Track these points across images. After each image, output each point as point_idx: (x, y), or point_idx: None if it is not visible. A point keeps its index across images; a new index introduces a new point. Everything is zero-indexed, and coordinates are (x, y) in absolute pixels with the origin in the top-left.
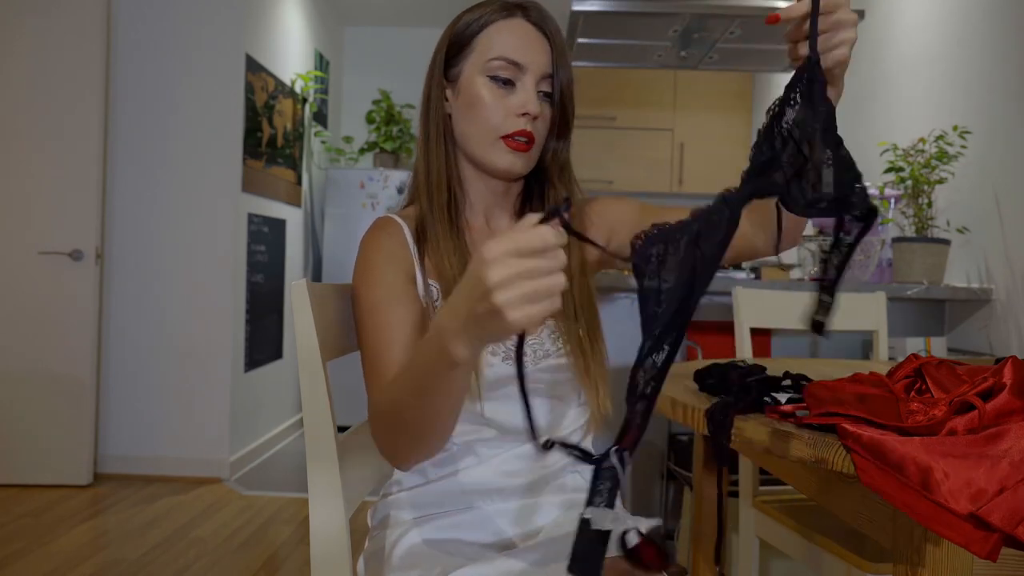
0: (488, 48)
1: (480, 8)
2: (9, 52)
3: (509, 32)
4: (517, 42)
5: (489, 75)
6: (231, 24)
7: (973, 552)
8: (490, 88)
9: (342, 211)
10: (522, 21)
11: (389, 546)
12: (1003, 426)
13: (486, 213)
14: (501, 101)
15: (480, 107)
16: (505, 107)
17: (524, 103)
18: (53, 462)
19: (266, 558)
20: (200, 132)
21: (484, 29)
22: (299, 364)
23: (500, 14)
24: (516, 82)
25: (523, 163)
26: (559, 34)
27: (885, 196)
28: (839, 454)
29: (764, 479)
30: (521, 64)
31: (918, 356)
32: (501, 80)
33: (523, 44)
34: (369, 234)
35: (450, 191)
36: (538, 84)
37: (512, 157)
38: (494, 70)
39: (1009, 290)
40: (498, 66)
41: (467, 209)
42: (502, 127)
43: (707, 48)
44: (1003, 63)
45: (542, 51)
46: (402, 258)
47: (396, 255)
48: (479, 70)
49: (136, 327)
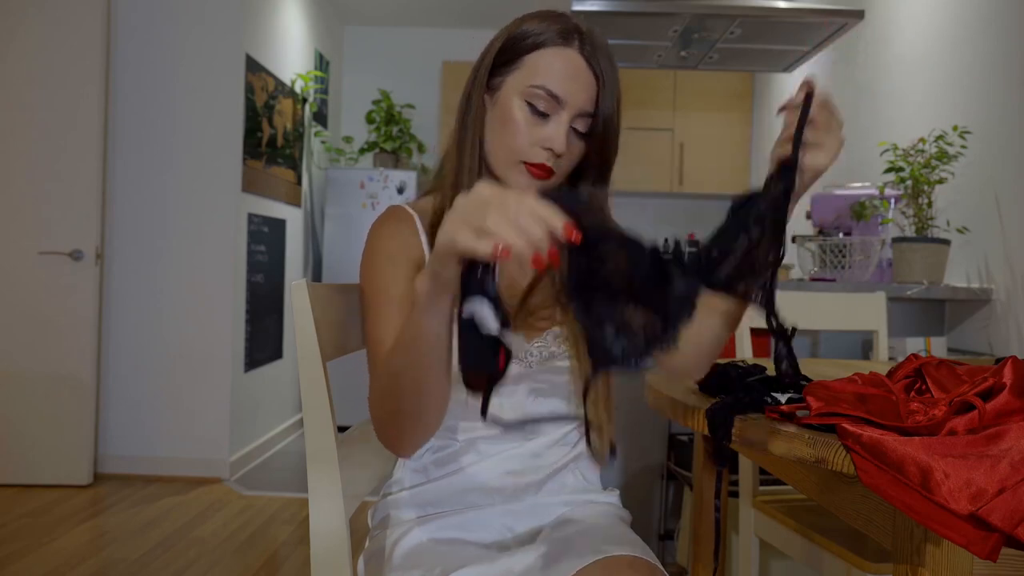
0: (533, 72)
1: (541, 22)
2: (9, 52)
3: (558, 61)
4: (562, 74)
5: (527, 100)
6: (231, 24)
7: (973, 552)
8: (524, 113)
9: (342, 211)
10: (575, 53)
11: (390, 546)
12: (1003, 426)
13: None
14: (531, 129)
15: (510, 127)
16: (533, 136)
17: (551, 138)
18: (53, 462)
19: (266, 558)
20: (200, 132)
21: (536, 50)
22: (299, 364)
23: (556, 39)
24: (551, 115)
25: (539, 187)
26: (611, 71)
27: (885, 196)
28: (839, 454)
29: (764, 479)
30: (560, 98)
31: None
32: (537, 109)
33: (568, 77)
34: (379, 222)
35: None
36: (573, 120)
37: (529, 180)
38: (532, 97)
39: (1009, 290)
40: (537, 95)
41: None
42: (525, 154)
43: (707, 48)
44: (1003, 63)
45: (586, 88)
46: (411, 246)
47: (405, 244)
48: (519, 91)
49: (136, 327)
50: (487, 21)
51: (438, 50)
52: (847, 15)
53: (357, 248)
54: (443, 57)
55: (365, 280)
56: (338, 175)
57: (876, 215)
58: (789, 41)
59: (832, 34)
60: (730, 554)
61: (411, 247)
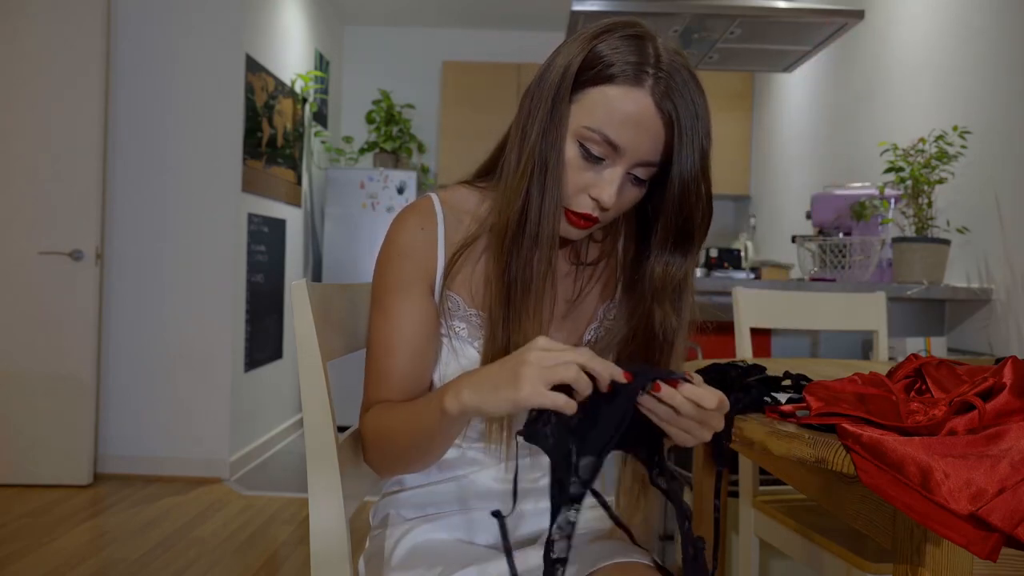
0: (591, 112)
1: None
2: (9, 52)
3: (621, 103)
4: (624, 119)
5: (581, 141)
6: (231, 24)
7: (973, 552)
8: (575, 155)
9: (342, 211)
10: (644, 95)
11: (390, 546)
12: (1003, 426)
13: None
14: (581, 174)
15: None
16: (582, 183)
17: (600, 189)
18: (53, 462)
19: (266, 558)
20: (200, 132)
21: (603, 84)
22: (299, 364)
23: (628, 75)
24: (606, 160)
25: (578, 234)
26: (691, 119)
27: (885, 196)
28: (839, 454)
29: (764, 479)
30: (618, 146)
31: (918, 356)
32: (591, 153)
33: (632, 123)
34: (401, 222)
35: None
36: (632, 168)
37: (567, 227)
38: (588, 140)
39: (1009, 290)
40: (593, 139)
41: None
42: (568, 199)
43: (707, 48)
44: (1003, 63)
45: (652, 137)
46: (426, 258)
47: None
48: (574, 130)
49: (136, 327)
50: (487, 21)
51: (438, 50)
52: (847, 15)
53: (357, 248)
54: (443, 57)
55: (375, 286)
56: (338, 175)
57: (876, 215)
58: (789, 41)
59: (832, 34)
60: (730, 554)
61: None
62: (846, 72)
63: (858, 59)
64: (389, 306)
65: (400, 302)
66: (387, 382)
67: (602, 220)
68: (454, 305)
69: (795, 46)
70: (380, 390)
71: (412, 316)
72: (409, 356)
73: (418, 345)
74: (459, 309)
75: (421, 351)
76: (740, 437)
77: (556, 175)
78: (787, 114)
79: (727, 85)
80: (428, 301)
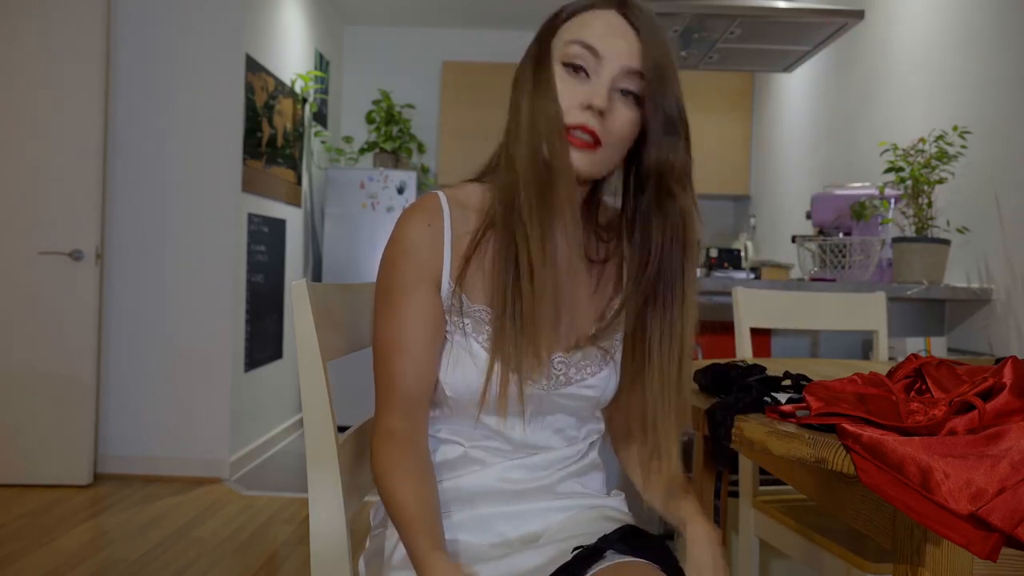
0: (568, 33)
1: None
2: (9, 52)
3: (594, 19)
4: (600, 30)
5: (564, 62)
6: (231, 24)
7: (973, 552)
8: (563, 76)
9: (342, 211)
10: (614, 13)
11: (390, 546)
12: (1003, 426)
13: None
14: (570, 91)
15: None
16: (571, 97)
17: (590, 95)
18: (53, 462)
19: (266, 558)
20: (200, 132)
21: (572, 18)
22: (299, 364)
23: (592, 5)
24: (591, 73)
25: (586, 162)
26: (658, 31)
27: (885, 196)
28: (839, 454)
29: (764, 479)
30: (598, 51)
31: (918, 356)
32: (575, 67)
33: (606, 33)
34: (406, 221)
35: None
36: (616, 80)
37: (572, 152)
38: (570, 57)
39: (1009, 290)
40: (574, 53)
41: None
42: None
43: (707, 48)
44: (1003, 63)
45: (628, 44)
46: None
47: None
48: (558, 58)
49: (136, 327)
50: (487, 21)
51: (438, 50)
52: (847, 15)
53: (357, 248)
54: (443, 57)
55: (382, 274)
56: (338, 175)
57: (876, 215)
58: (789, 41)
59: (832, 34)
60: (730, 554)
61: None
62: (846, 72)
63: (858, 59)
64: (396, 304)
65: (407, 301)
66: (396, 382)
67: (601, 136)
68: (462, 302)
69: (795, 46)
70: (389, 391)
71: (419, 314)
72: (417, 355)
73: (425, 343)
74: (465, 305)
75: (428, 349)
76: (740, 437)
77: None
78: (787, 114)
79: (727, 85)
80: (435, 299)
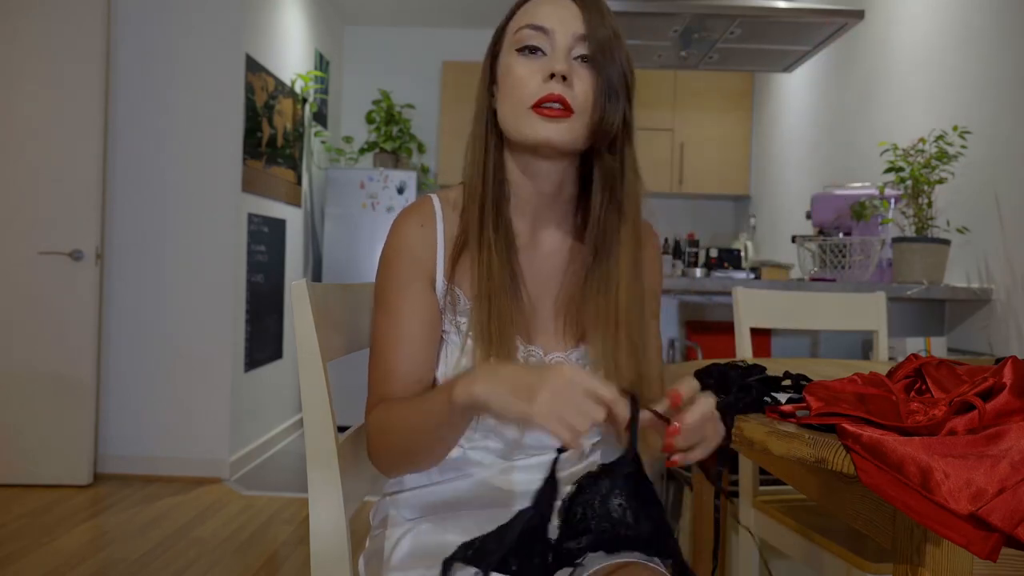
0: (515, 24)
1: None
2: (9, 52)
3: (535, 5)
4: (542, 10)
5: (518, 48)
6: (231, 24)
7: (973, 552)
8: (520, 61)
9: (342, 211)
10: None
11: (389, 546)
12: (1003, 426)
13: (533, 218)
14: (531, 70)
15: (512, 80)
16: (532, 74)
17: (551, 64)
18: (53, 462)
19: (266, 558)
20: (200, 132)
21: (513, 16)
22: (299, 364)
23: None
24: (546, 50)
25: (561, 132)
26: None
27: (885, 196)
28: (839, 454)
29: (764, 479)
30: (547, 28)
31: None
32: (530, 49)
33: (549, 11)
34: (401, 221)
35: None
36: (572, 48)
37: (545, 124)
38: (522, 41)
39: (1009, 290)
40: (525, 36)
41: (513, 209)
42: (533, 95)
43: (707, 48)
44: (1003, 63)
45: (571, 14)
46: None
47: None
48: (510, 48)
49: (136, 327)
50: (487, 21)
51: (438, 50)
52: (847, 15)
53: (357, 248)
54: (443, 57)
55: (378, 283)
56: (338, 175)
57: (876, 215)
58: (789, 41)
59: (832, 34)
60: (730, 554)
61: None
62: (846, 72)
63: (858, 59)
64: (391, 302)
65: (402, 298)
66: (391, 377)
67: (570, 101)
68: (456, 299)
69: (795, 46)
70: (384, 386)
71: (414, 311)
72: (413, 351)
73: (421, 340)
74: (460, 303)
75: (424, 346)
76: (740, 437)
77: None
78: (787, 114)
79: (727, 85)
80: (430, 296)
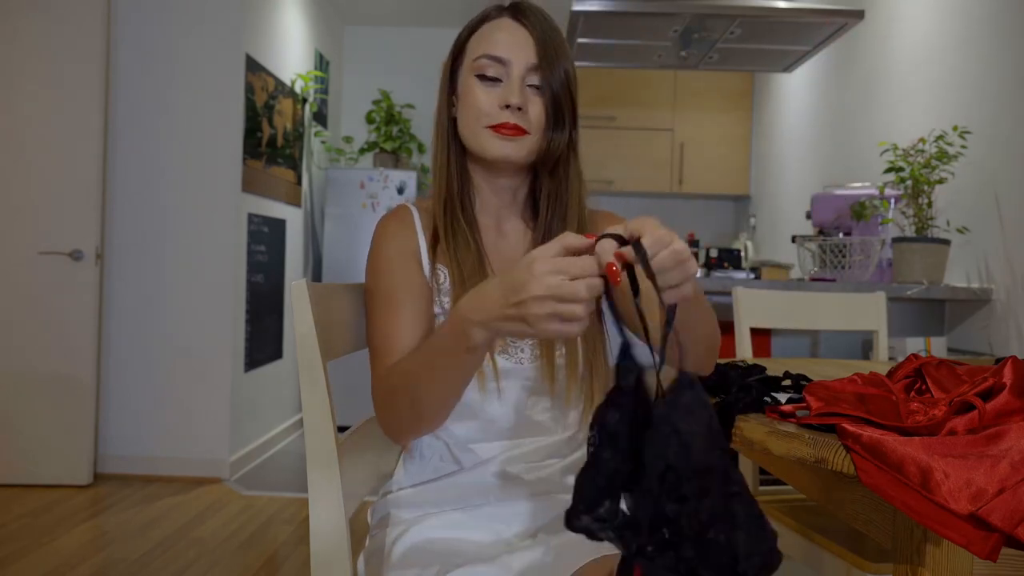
0: (475, 49)
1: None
2: (9, 52)
3: (493, 31)
4: (500, 40)
5: (477, 74)
6: (231, 24)
7: (973, 552)
8: (479, 86)
9: (342, 211)
10: (507, 20)
11: (389, 545)
12: (1003, 426)
13: (497, 215)
14: (488, 97)
15: (471, 102)
16: (490, 103)
17: (505, 95)
18: (53, 462)
19: (266, 558)
20: (200, 132)
21: (473, 33)
22: (299, 364)
23: (488, 17)
24: (503, 78)
25: (515, 148)
26: (547, 27)
27: (885, 196)
28: (839, 454)
29: (764, 479)
30: (503, 59)
31: (918, 356)
32: (488, 78)
33: (506, 41)
34: (382, 222)
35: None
36: (525, 78)
37: (502, 143)
38: (481, 68)
39: (1009, 290)
40: (483, 64)
41: (478, 209)
42: (491, 119)
43: (707, 48)
44: (1003, 63)
45: (526, 45)
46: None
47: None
48: (470, 71)
49: (136, 327)
50: None
51: (438, 50)
52: (847, 15)
53: (357, 248)
54: (443, 57)
55: (369, 278)
56: (338, 175)
57: (876, 215)
58: (789, 41)
59: (832, 34)
60: None
61: (409, 244)
62: (846, 72)
63: (858, 59)
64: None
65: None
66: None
67: (530, 129)
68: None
69: (795, 46)
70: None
71: (407, 286)
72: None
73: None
74: (444, 283)
75: (419, 315)
76: (740, 437)
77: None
78: (787, 114)
79: (727, 85)
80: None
